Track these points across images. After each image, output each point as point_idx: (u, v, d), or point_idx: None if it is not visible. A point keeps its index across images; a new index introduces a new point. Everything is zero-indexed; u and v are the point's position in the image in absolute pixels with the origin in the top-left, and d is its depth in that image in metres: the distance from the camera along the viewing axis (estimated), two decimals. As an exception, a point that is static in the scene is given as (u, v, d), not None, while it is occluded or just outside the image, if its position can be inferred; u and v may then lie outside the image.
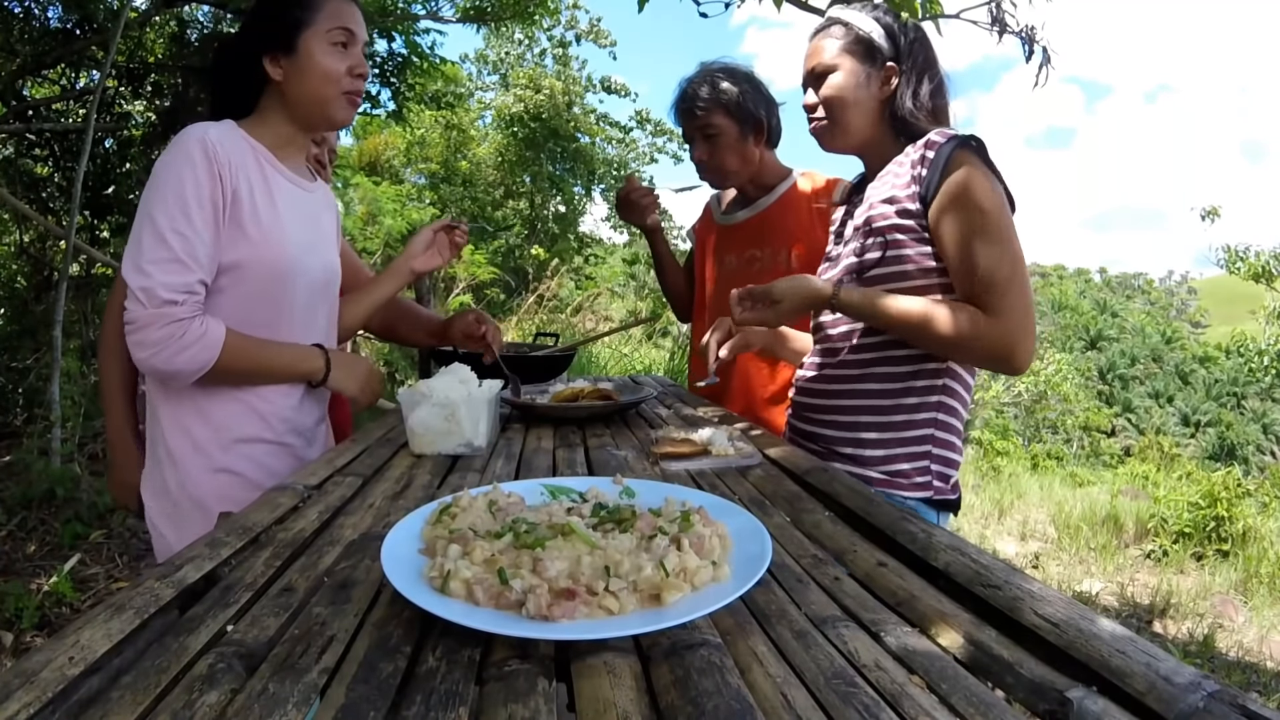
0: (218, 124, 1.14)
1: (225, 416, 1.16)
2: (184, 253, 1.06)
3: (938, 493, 1.18)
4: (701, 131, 1.71)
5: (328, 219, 1.32)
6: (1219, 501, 4.41)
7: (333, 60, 1.16)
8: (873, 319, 1.17)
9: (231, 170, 1.11)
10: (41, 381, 3.65)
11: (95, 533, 2.90)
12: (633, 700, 0.45)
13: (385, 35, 5.14)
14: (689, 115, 1.71)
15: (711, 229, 1.88)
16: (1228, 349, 18.47)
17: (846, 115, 1.24)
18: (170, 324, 1.04)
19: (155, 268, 1.04)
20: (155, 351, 1.04)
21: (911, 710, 0.44)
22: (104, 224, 4.54)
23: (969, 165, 1.10)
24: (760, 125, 1.71)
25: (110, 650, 0.51)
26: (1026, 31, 2.14)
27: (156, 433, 1.17)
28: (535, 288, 8.21)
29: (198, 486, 1.14)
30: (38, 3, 4.26)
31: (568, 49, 13.77)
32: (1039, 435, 14.04)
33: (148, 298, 1.04)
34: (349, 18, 1.18)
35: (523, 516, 0.68)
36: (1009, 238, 1.09)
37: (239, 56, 1.18)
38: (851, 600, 0.61)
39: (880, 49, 1.22)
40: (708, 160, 1.73)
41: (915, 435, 1.18)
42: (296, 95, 1.18)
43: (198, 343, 1.06)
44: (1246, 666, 2.96)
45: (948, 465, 1.20)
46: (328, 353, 1.25)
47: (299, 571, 0.65)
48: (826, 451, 1.24)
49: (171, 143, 1.11)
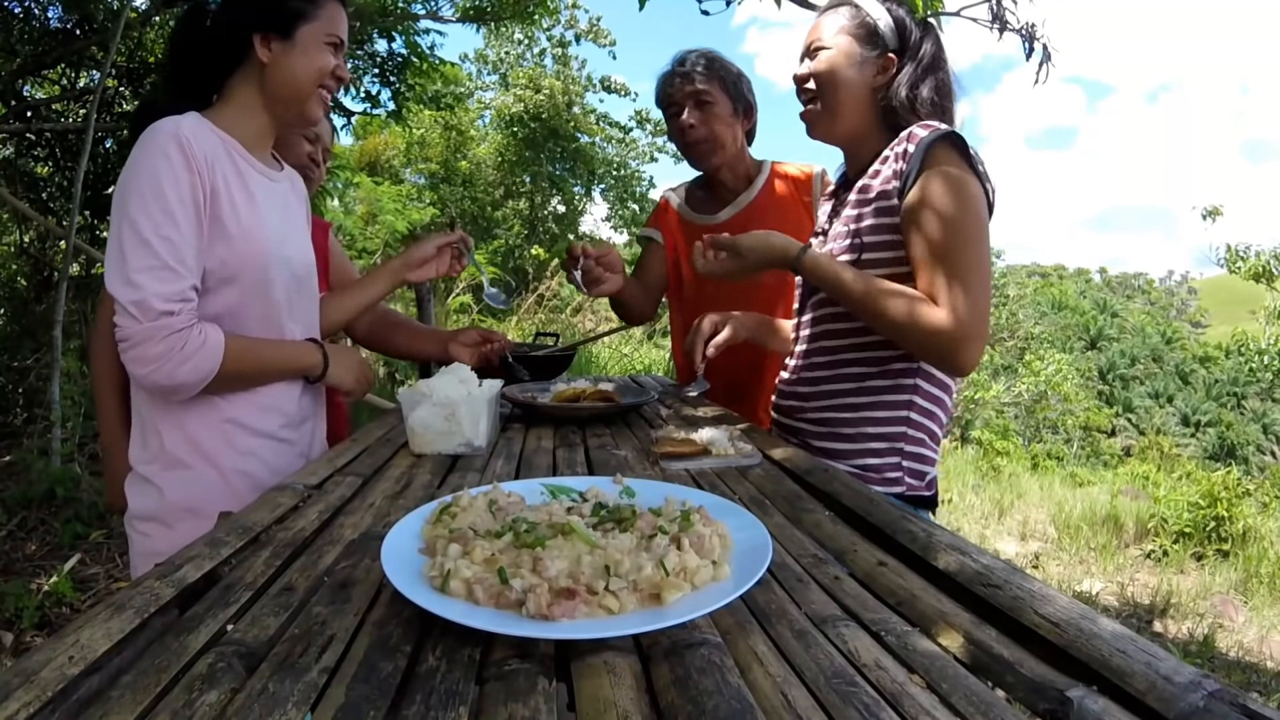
0: (185, 117, 1.07)
1: (232, 412, 1.14)
2: (172, 258, 1.00)
3: (910, 489, 1.19)
4: (696, 98, 1.65)
5: (298, 207, 1.29)
6: (1219, 501, 4.41)
7: (325, 57, 1.15)
8: (831, 289, 1.16)
9: (209, 166, 1.06)
10: (41, 381, 3.65)
11: (95, 533, 2.90)
12: (633, 700, 0.45)
13: (385, 35, 5.13)
14: (686, 79, 1.65)
15: (684, 230, 1.78)
16: (1228, 349, 18.48)
17: (835, 94, 1.23)
18: (169, 336, 0.99)
19: (145, 277, 0.99)
20: (156, 367, 1.00)
21: (912, 710, 0.44)
22: (104, 224, 4.52)
23: (945, 162, 1.10)
24: (750, 110, 1.70)
25: (110, 649, 0.51)
26: (1027, 29, 2.14)
27: (149, 431, 1.13)
28: (535, 288, 8.20)
29: (195, 486, 1.12)
30: (38, 3, 4.26)
31: (567, 49, 13.77)
32: (1039, 435, 14.03)
33: (142, 311, 0.98)
34: (342, 26, 1.18)
35: (523, 516, 0.68)
36: (973, 237, 1.07)
37: (224, 27, 1.13)
38: (852, 600, 0.61)
39: (883, 37, 1.21)
40: (699, 126, 1.65)
41: (887, 432, 1.19)
42: (279, 82, 1.14)
43: (199, 352, 1.02)
44: (1246, 666, 2.96)
45: (921, 462, 1.20)
46: (324, 347, 1.25)
47: (299, 571, 0.65)
48: (803, 445, 1.24)
49: (141, 139, 1.03)
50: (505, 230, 13.49)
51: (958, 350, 1.06)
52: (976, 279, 1.06)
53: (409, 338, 1.67)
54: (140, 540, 1.15)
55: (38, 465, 3.06)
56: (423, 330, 1.69)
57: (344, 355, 1.29)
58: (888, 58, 1.21)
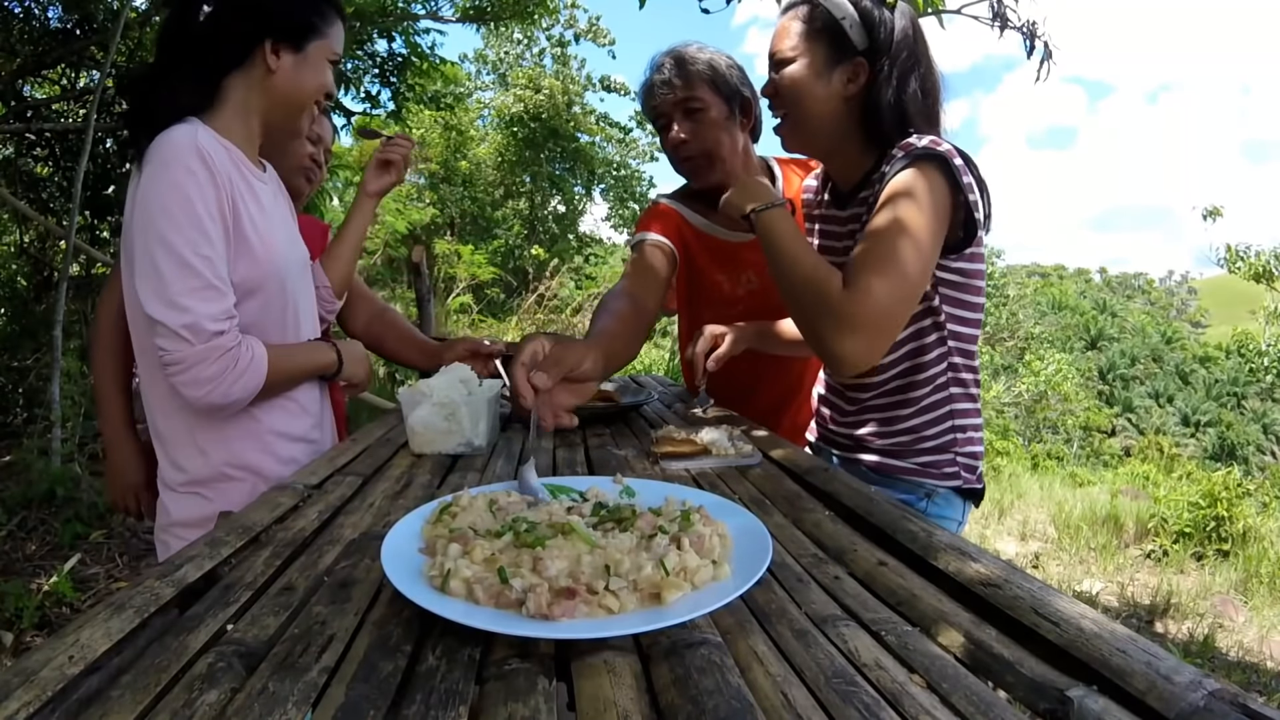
0: (197, 128, 1.04)
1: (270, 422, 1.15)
2: (214, 276, 1.01)
3: (965, 482, 1.19)
4: (682, 106, 1.43)
5: (285, 204, 1.28)
6: (1219, 501, 4.41)
7: (325, 75, 1.17)
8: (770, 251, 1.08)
9: (228, 178, 1.05)
10: (41, 381, 3.65)
11: (95, 533, 2.90)
12: (633, 699, 0.45)
13: (385, 35, 5.13)
14: (667, 86, 1.43)
15: (699, 241, 1.54)
16: (1228, 349, 18.48)
17: (802, 110, 1.13)
18: (222, 356, 1.00)
19: (192, 299, 0.98)
20: (212, 388, 1.00)
21: (912, 709, 0.44)
22: (104, 224, 4.53)
23: (919, 173, 1.02)
24: (748, 106, 1.47)
25: (110, 649, 0.51)
26: (1027, 27, 2.15)
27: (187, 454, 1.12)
28: (535, 288, 8.21)
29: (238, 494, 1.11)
30: (38, 3, 4.26)
31: (566, 48, 13.77)
32: (1039, 435, 14.04)
33: (194, 333, 0.98)
34: (341, 46, 1.20)
35: (523, 515, 0.68)
36: (912, 233, 0.98)
37: (229, 27, 1.09)
38: (852, 599, 0.61)
39: (848, 40, 1.09)
40: (690, 140, 1.43)
41: (939, 429, 1.17)
42: (283, 92, 1.13)
43: (249, 368, 1.03)
44: (1247, 666, 2.96)
45: (972, 458, 1.20)
46: (335, 344, 1.26)
47: (299, 571, 0.65)
48: (855, 445, 1.23)
49: (160, 154, 1.01)
50: (505, 230, 13.50)
51: (841, 333, 0.97)
52: (897, 274, 0.97)
53: (398, 343, 1.66)
54: (177, 545, 1.13)
55: (38, 465, 3.06)
56: (413, 339, 1.66)
57: (352, 348, 1.31)
58: (857, 63, 1.10)
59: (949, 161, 1.02)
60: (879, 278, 0.97)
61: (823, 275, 1.02)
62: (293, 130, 1.21)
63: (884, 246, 0.99)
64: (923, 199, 1.01)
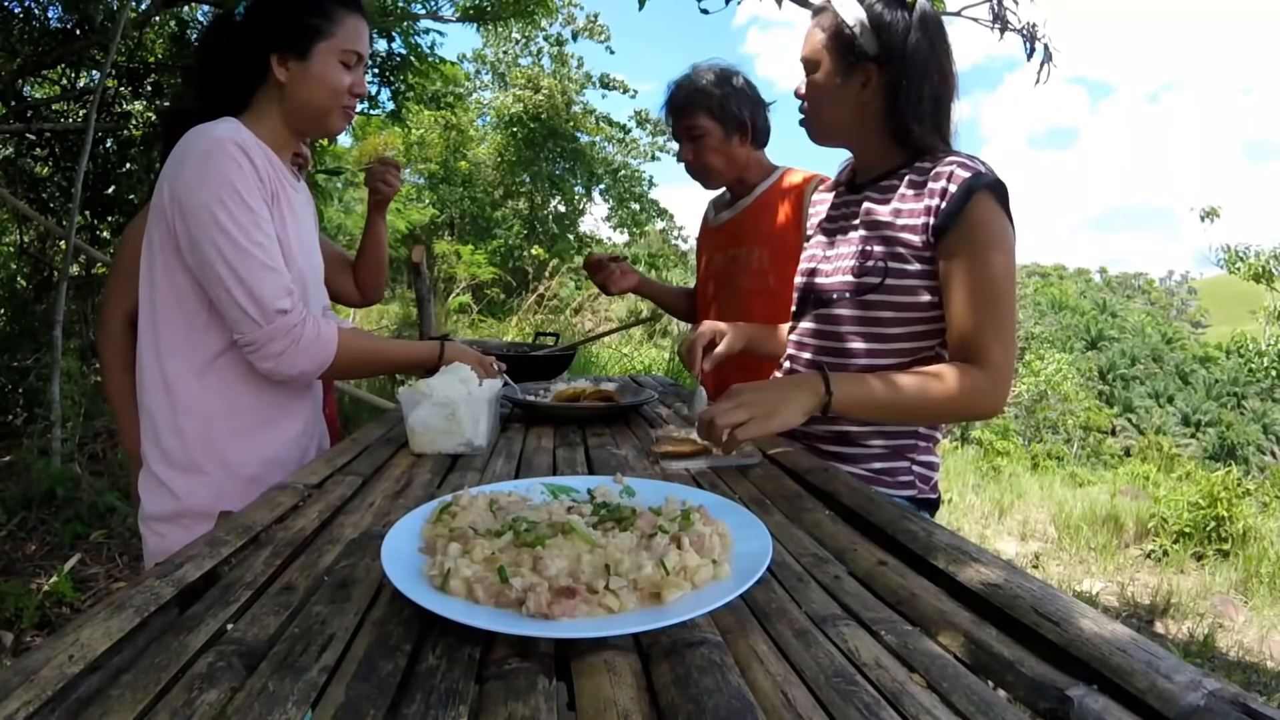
0: (229, 123, 1.09)
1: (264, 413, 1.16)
2: (269, 258, 1.06)
3: (920, 492, 1.20)
4: (687, 133, 1.76)
5: (313, 215, 1.31)
6: (1219, 501, 4.41)
7: (340, 76, 1.15)
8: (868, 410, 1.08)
9: (267, 175, 1.10)
10: (41, 381, 3.64)
11: (95, 533, 2.89)
12: (633, 699, 0.45)
13: (385, 35, 5.13)
14: (675, 115, 1.77)
15: (706, 232, 1.95)
16: (1228, 349, 18.48)
17: (822, 114, 1.21)
18: (288, 332, 1.07)
19: (255, 282, 1.05)
20: (279, 361, 1.08)
21: (912, 709, 0.44)
22: (104, 224, 4.53)
23: (987, 211, 1.06)
24: (744, 126, 1.75)
25: (110, 649, 0.51)
26: (1028, 29, 2.15)
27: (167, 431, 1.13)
28: (535, 288, 8.20)
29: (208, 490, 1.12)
30: (38, 3, 4.26)
31: (563, 46, 13.77)
32: (1039, 435, 14.04)
33: (262, 314, 1.05)
34: (361, 41, 1.17)
35: (523, 515, 0.68)
36: (1010, 290, 1.08)
37: (242, 47, 1.13)
38: (852, 599, 0.61)
39: (861, 47, 1.13)
40: (692, 160, 1.79)
41: (896, 444, 1.19)
42: (298, 101, 1.15)
43: (315, 344, 1.10)
44: (1247, 666, 2.96)
45: (929, 468, 1.22)
46: (444, 345, 1.29)
47: (299, 570, 0.65)
48: (815, 450, 1.23)
49: (198, 146, 1.05)
50: (505, 230, 13.50)
51: (999, 400, 1.07)
52: (1010, 329, 1.07)
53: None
54: (155, 540, 1.15)
55: (38, 465, 3.06)
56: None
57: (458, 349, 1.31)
58: (869, 68, 1.14)
59: (1005, 190, 1.09)
60: (998, 344, 1.05)
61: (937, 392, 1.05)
62: (327, 132, 1.22)
63: (994, 309, 1.06)
64: (1004, 241, 1.07)
